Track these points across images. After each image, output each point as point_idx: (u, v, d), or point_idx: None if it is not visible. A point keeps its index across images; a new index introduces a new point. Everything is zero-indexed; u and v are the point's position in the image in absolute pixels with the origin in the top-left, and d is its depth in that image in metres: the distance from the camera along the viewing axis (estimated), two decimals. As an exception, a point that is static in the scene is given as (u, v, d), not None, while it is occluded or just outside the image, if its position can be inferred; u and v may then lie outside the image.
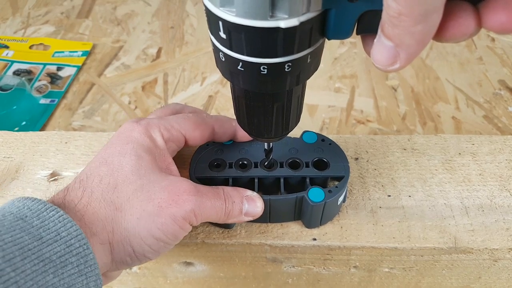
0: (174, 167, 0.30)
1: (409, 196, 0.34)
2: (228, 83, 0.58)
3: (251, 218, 0.30)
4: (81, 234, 0.23)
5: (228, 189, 0.29)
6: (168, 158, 0.30)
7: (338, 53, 0.63)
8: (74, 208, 0.25)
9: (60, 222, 0.23)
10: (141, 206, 0.26)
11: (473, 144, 0.38)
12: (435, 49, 0.63)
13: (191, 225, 0.27)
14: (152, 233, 0.26)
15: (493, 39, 0.64)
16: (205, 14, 0.22)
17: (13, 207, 0.23)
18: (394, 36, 0.18)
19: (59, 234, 0.23)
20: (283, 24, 0.19)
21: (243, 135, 0.33)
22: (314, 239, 0.31)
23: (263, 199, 0.30)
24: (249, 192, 0.30)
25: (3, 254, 0.20)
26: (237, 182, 0.32)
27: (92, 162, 0.28)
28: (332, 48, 0.64)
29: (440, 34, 0.19)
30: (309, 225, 0.32)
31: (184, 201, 0.26)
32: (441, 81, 0.58)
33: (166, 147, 0.30)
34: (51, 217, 0.23)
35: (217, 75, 0.60)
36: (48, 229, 0.23)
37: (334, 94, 0.56)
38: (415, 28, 0.18)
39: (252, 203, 0.29)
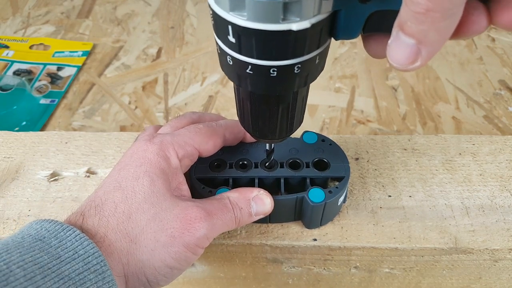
0: (185, 186, 0.30)
1: (410, 196, 0.34)
2: (229, 83, 0.58)
3: (262, 216, 0.30)
4: (98, 251, 0.24)
5: (234, 197, 0.29)
6: (180, 176, 0.30)
7: (338, 53, 0.63)
8: (93, 239, 0.25)
9: (77, 241, 0.24)
10: (154, 237, 0.26)
11: (473, 144, 0.37)
12: (436, 49, 0.63)
13: (203, 248, 0.27)
14: (166, 263, 0.26)
15: (493, 39, 0.64)
16: (211, 18, 0.21)
17: (31, 230, 0.24)
18: (417, 33, 0.18)
19: (76, 252, 0.23)
20: (295, 26, 0.19)
21: (250, 137, 0.33)
22: (315, 240, 0.31)
23: None
24: (255, 192, 0.30)
25: (25, 273, 0.21)
26: (237, 183, 0.32)
27: (106, 184, 0.28)
28: (332, 48, 0.63)
29: (456, 31, 0.19)
30: (309, 225, 0.32)
31: (196, 229, 0.26)
32: (441, 81, 0.58)
33: (180, 165, 0.29)
34: (68, 236, 0.24)
35: (217, 75, 0.60)
36: (66, 248, 0.23)
37: (334, 94, 0.56)
38: (442, 23, 0.18)
39: (260, 202, 0.29)
